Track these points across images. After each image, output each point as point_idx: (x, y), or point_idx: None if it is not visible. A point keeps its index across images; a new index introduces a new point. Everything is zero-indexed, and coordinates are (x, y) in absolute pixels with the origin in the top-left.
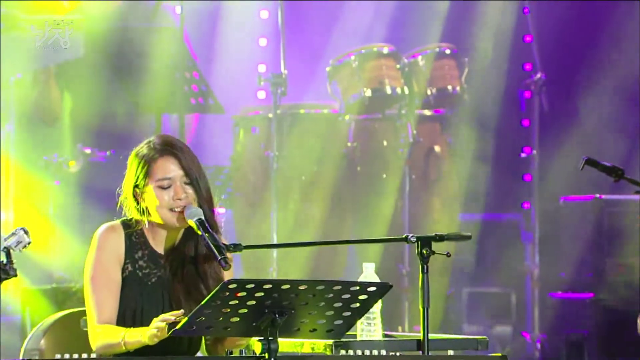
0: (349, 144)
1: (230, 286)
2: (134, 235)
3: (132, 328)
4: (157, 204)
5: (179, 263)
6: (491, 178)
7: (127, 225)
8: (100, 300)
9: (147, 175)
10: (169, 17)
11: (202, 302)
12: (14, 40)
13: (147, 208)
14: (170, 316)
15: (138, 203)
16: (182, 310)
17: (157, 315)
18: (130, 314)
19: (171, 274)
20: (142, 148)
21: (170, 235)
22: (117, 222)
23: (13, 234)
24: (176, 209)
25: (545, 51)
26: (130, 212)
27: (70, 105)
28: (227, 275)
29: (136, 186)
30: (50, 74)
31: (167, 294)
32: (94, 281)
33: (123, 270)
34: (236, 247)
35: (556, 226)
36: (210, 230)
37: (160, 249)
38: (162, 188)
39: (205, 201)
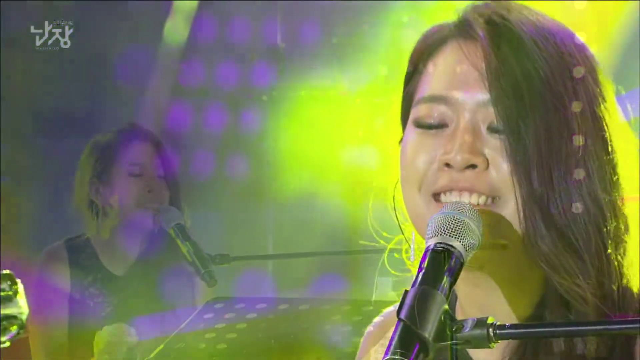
0: (360, 133)
1: (216, 306)
2: (81, 257)
3: None
4: (124, 195)
5: (141, 282)
6: None
7: (73, 244)
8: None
9: (113, 160)
10: None
11: (182, 326)
12: None
13: (104, 209)
14: None
15: (93, 203)
16: None
17: None
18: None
19: (131, 298)
20: (104, 135)
21: (130, 248)
22: (60, 243)
23: None
24: (147, 205)
25: (600, 20)
26: (85, 218)
27: (16, 83)
28: (204, 294)
29: (95, 176)
30: None
31: None
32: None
33: (70, 300)
34: (223, 259)
35: None
36: (191, 237)
37: (116, 268)
38: (132, 175)
39: (179, 206)
